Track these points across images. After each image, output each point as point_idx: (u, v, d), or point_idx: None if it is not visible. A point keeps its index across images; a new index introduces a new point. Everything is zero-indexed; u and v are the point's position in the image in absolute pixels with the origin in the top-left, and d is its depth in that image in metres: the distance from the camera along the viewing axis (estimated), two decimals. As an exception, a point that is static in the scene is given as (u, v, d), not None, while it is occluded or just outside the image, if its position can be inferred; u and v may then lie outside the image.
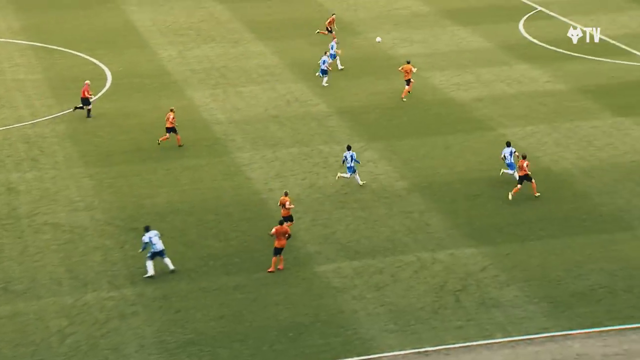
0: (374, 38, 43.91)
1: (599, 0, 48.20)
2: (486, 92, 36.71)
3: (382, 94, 37.12)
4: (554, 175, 29.47)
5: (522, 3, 48.63)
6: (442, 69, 39.65)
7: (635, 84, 36.63)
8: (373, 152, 31.72)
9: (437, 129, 33.40)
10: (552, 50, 41.20)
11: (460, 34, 44.12)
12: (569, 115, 34.02)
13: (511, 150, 28.89)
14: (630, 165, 29.77)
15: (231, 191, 29.36)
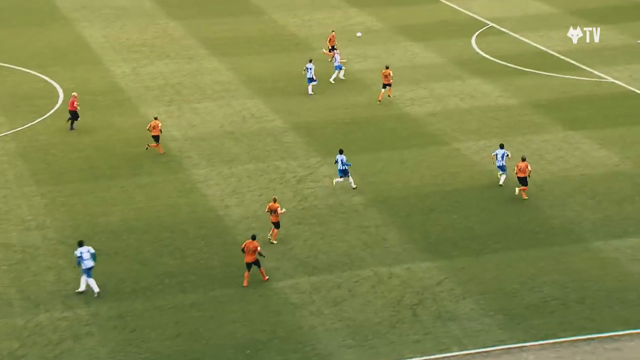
0: (328, 53, 44.22)
1: (548, 17, 49.28)
2: (440, 107, 37.18)
3: (338, 109, 37.34)
4: (507, 188, 29.93)
5: (474, 19, 49.47)
6: (396, 84, 40.01)
7: (585, 99, 37.48)
8: (329, 167, 31.85)
9: (392, 144, 33.69)
10: (504, 66, 41.96)
11: (414, 50, 44.67)
12: (521, 129, 34.62)
13: (504, 153, 29.61)
14: (581, 179, 30.39)
15: (187, 208, 29.18)
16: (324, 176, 31.12)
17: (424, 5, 52.87)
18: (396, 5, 53.10)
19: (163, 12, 51.46)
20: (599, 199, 28.97)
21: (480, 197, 29.40)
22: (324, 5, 53.54)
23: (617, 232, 27.08)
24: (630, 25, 47.01)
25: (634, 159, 31.58)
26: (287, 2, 53.77)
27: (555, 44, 44.61)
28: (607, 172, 30.69)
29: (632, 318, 22.93)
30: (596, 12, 49.12)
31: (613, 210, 28.19)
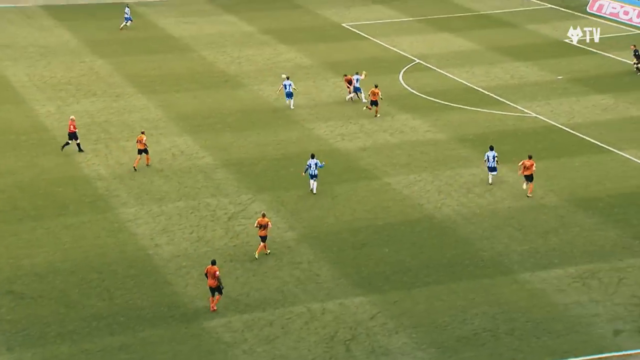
0: (258, 91, 44.56)
1: (471, 54, 50.81)
2: (370, 142, 37.74)
3: (268, 145, 37.50)
4: (438, 222, 30.50)
5: (401, 55, 50.62)
6: (326, 119, 40.51)
7: (510, 133, 38.63)
8: (261, 203, 31.88)
9: (323, 179, 33.95)
10: (431, 101, 42.96)
11: (342, 85, 45.32)
12: (450, 163, 35.41)
13: (494, 155, 32.63)
14: (508, 211, 31.20)
15: (115, 248, 28.71)
16: (255, 212, 31.12)
17: (352, 42, 53.85)
18: (325, 42, 53.94)
19: (89, 50, 50.97)
20: (525, 231, 29.77)
21: (411, 231, 29.85)
22: (252, 42, 53.98)
23: (543, 263, 27.84)
24: (550, 62, 48.87)
25: (558, 192, 32.64)
26: (216, 40, 54.01)
27: (479, 80, 45.97)
28: (533, 205, 31.59)
29: (558, 348, 23.53)
30: (517, 49, 50.91)
31: (539, 242, 29.00)
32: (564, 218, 30.54)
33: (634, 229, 29.60)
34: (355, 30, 57.01)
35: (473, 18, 59.71)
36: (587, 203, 31.56)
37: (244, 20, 59.64)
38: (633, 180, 33.47)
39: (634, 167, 34.71)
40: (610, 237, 29.13)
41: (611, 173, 34.12)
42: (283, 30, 56.79)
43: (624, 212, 30.83)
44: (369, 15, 61.09)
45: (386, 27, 57.52)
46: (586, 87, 44.56)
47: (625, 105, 41.61)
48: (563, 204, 31.57)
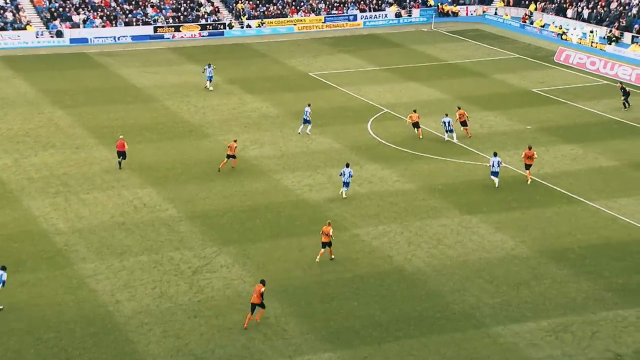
0: (224, 141, 44.74)
1: (438, 103, 51.64)
2: (337, 193, 37.92)
3: (234, 196, 37.50)
4: (408, 274, 30.59)
5: (369, 104, 51.27)
6: (293, 170, 40.68)
7: (479, 183, 39.13)
8: (226, 256, 31.73)
9: (290, 231, 33.96)
10: (400, 150, 43.43)
11: (310, 136, 45.67)
12: (419, 213, 35.69)
13: (498, 160, 37.58)
14: (479, 263, 31.43)
15: (74, 305, 28.28)
16: (220, 266, 30.96)
17: (319, 91, 54.46)
18: (292, 91, 54.48)
19: (48, 101, 50.86)
20: (497, 283, 29.97)
21: (381, 284, 29.88)
22: (217, 91, 54.33)
23: (515, 316, 27.99)
24: (518, 111, 49.83)
25: (529, 243, 33.00)
26: (179, 90, 54.28)
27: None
28: (504, 256, 31.89)
29: (534, 402, 23.54)
30: (485, 98, 51.86)
31: (511, 295, 29.19)
32: (535, 270, 30.83)
33: (605, 281, 29.97)
34: (322, 79, 57.72)
35: (441, 67, 60.86)
36: (559, 254, 31.93)
37: (209, 70, 60.02)
38: (603, 231, 34.00)
39: (604, 217, 35.29)
40: (582, 289, 29.44)
41: (582, 224, 34.64)
42: (249, 80, 57.29)
43: (595, 263, 31.23)
44: (335, 64, 61.95)
45: (353, 76, 58.32)
46: (555, 137, 45.43)
47: (594, 155, 42.46)
48: (535, 255, 31.91)
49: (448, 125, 43.74)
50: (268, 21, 74.45)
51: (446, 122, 43.83)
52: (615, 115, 48.87)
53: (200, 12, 73.46)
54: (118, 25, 69.76)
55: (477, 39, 70.32)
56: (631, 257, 31.53)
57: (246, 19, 74.46)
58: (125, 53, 64.50)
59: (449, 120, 43.99)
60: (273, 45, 68.85)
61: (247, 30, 73.50)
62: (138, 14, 71.34)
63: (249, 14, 74.85)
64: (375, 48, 67.66)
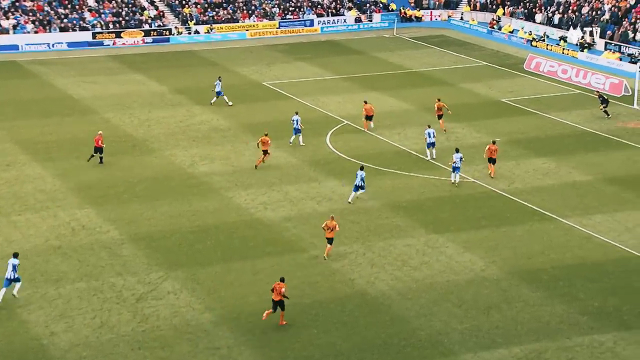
0: (170, 156, 44.54)
1: (402, 114, 52.13)
2: (295, 211, 37.98)
3: (182, 216, 37.32)
4: (371, 298, 30.71)
5: (328, 116, 51.53)
6: (246, 187, 40.67)
7: (446, 200, 39.52)
8: (174, 282, 31.54)
9: (244, 253, 33.90)
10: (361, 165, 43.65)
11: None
12: (383, 233, 35.90)
13: (460, 156, 40.30)
14: (447, 285, 31.70)
15: (3, 339, 27.80)
16: (167, 292, 30.75)
17: (273, 102, 54.62)
18: (244, 102, 54.53)
19: (-24, 112, 50.21)
20: (466, 307, 30.26)
21: (342, 310, 29.96)
22: (162, 103, 54.17)
23: (485, 342, 28.27)
24: (487, 122, 50.53)
25: (499, 264, 33.41)
26: (121, 101, 54.02)
27: (412, 142, 47.08)
28: (473, 278, 32.23)
29: None
30: (452, 109, 52.44)
31: (481, 320, 29.48)
32: (506, 292, 31.21)
33: (580, 304, 30.44)
34: (276, 89, 57.88)
35: (404, 76, 61.51)
36: (531, 275, 32.37)
37: (153, 79, 59.90)
38: (578, 250, 34.58)
39: (578, 235, 35.91)
40: (556, 312, 29.87)
41: (555, 242, 35.20)
42: (197, 90, 57.21)
43: (570, 285, 31.73)
44: (291, 73, 62.18)
45: (311, 86, 58.60)
46: (526, 150, 46.16)
47: (567, 170, 43.24)
48: (505, 277, 32.30)
49: (432, 137, 43.53)
50: (218, 26, 74.50)
51: (430, 134, 43.61)
52: (589, 127, 49.86)
53: (143, 17, 73.22)
54: (52, 31, 69.17)
55: (442, 45, 71.26)
56: (607, 278, 32.11)
57: (194, 24, 74.44)
58: (60, 61, 63.95)
59: (433, 132, 43.91)
60: (223, 53, 68.86)
61: (195, 36, 73.45)
62: (74, 19, 70.83)
63: (197, 19, 74.83)
64: (333, 55, 68.08)
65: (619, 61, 63.26)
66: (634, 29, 66.57)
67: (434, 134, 43.84)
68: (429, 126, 44.63)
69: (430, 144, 43.69)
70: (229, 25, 74.84)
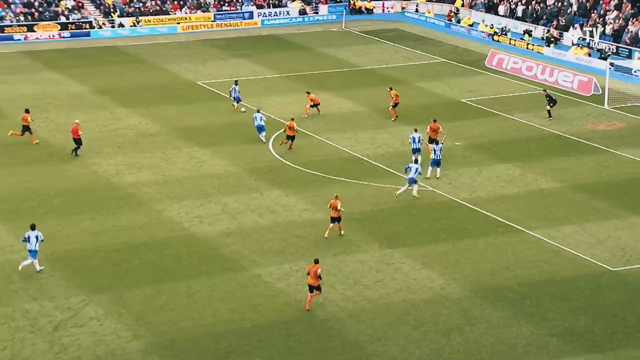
0: (92, 165, 44.09)
1: (354, 116, 52.40)
2: (235, 225, 37.88)
3: (106, 232, 36.98)
4: (319, 321, 30.74)
5: (270, 119, 51.42)
6: (179, 198, 40.45)
7: (402, 211, 39.75)
8: (96, 307, 31.18)
9: (177, 273, 33.68)
10: (308, 173, 43.78)
11: (199, 157, 45.57)
12: (333, 248, 35.98)
13: (419, 136, 43.18)
14: (403, 306, 31.87)
15: None
16: (90, 318, 30.38)
17: (209, 103, 54.46)
18: (176, 104, 54.27)
19: None
20: (424, 329, 30.47)
21: (287, 334, 29.94)
22: (83, 105, 53.64)
23: (447, 366, 28.53)
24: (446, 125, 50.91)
25: (460, 281, 33.72)
26: (35, 103, 53.33)
27: (364, 148, 47.36)
28: (432, 297, 32.46)
29: None
30: (407, 110, 52.85)
31: (441, 343, 29.71)
32: (469, 312, 31.51)
33: (549, 324, 30.87)
34: (212, 89, 57.74)
35: (355, 74, 61.86)
36: (495, 294, 32.74)
37: (72, 78, 59.26)
38: (545, 265, 35.08)
39: (546, 249, 36.44)
40: (523, 334, 30.24)
41: (521, 257, 35.66)
42: (123, 90, 56.77)
43: (537, 303, 32.16)
44: (228, 71, 62.08)
45: (250, 85, 58.56)
46: (488, 155, 46.75)
47: (533, 176, 43.89)
48: (467, 295, 32.61)
49: (417, 142, 43.59)
50: (145, 19, 74.04)
51: (415, 139, 43.61)
52: (556, 129, 50.71)
53: (59, 8, 72.36)
54: (-46, 23, 67.98)
55: (396, 40, 71.86)
56: (578, 296, 32.63)
57: (118, 16, 73.85)
58: (-34, 57, 62.86)
59: (419, 137, 43.80)
60: (152, 49, 68.45)
61: (120, 30, 72.88)
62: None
63: (121, 11, 74.26)
64: (276, 51, 68.16)
65: (588, 57, 64.48)
66: (604, 21, 67.97)
67: (420, 139, 43.80)
68: (415, 130, 44.77)
69: (415, 150, 43.69)
70: (158, 18, 74.43)
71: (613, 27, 66.86)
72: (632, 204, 40.38)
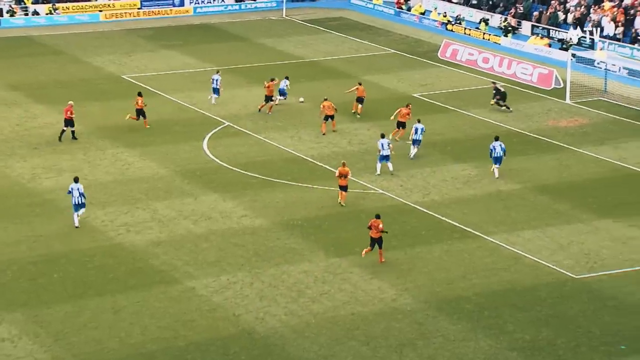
0: (5, 168, 43.58)
1: (298, 113, 52.45)
2: (166, 234, 37.70)
3: (21, 244, 36.57)
4: (260, 338, 30.72)
5: (204, 116, 51.36)
6: (104, 205, 40.14)
7: (349, 215, 39.89)
8: (10, 326, 30.79)
9: (101, 287, 33.42)
10: (247, 176, 43.72)
11: (126, 158, 45.25)
12: (274, 258, 35.98)
13: (388, 142, 43.67)
14: (352, 320, 31.96)
15: None
16: (2, 339, 29.94)
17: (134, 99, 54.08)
18: (99, 100, 53.90)
19: None
20: (374, 344, 30.60)
21: (224, 352, 29.89)
22: (-4, 100, 52.91)
23: (400, 385, 28.72)
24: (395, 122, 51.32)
25: (413, 292, 33.92)
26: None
27: (308, 147, 47.42)
28: (383, 310, 32.62)
29: None
30: (350, 106, 53.09)
31: (393, 359, 29.87)
32: (422, 326, 31.73)
33: (509, 337, 31.20)
34: (140, 83, 57.36)
35: (297, 66, 61.92)
36: (451, 305, 33.00)
37: (-18, 71, 58.44)
38: (505, 273, 35.46)
39: (505, 256, 36.84)
40: (481, 348, 30.53)
41: (478, 265, 36.01)
42: (38, 85, 56.15)
43: (497, 315, 32.49)
44: (158, 64, 61.74)
45: (182, 80, 58.31)
46: (443, 155, 47.15)
47: (491, 177, 44.36)
48: (421, 307, 32.84)
49: (419, 133, 45.29)
50: (63, 6, 73.32)
51: (418, 129, 45.31)
52: (515, 126, 51.33)
53: (-35, -6, 71.28)
54: None
55: (342, 29, 72.12)
56: (539, 306, 33.04)
57: (32, 3, 72.96)
58: None
59: (422, 127, 45.51)
60: (71, 39, 67.78)
61: (34, 18, 72.04)
62: None
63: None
64: (210, 42, 67.95)
65: (548, 48, 65.38)
66: (565, 9, 69.01)
67: (423, 131, 45.43)
68: (419, 121, 45.84)
69: (415, 141, 45.50)
70: (78, 5, 73.72)
71: (574, 15, 67.91)
72: (596, 206, 41.03)
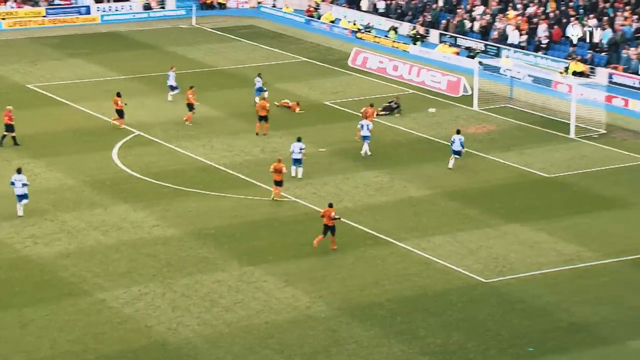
0: None
1: (210, 121, 52.17)
2: (75, 245, 37.19)
3: None
4: (172, 349, 30.44)
5: (113, 126, 50.69)
6: (9, 217, 39.38)
7: (263, 224, 39.78)
8: None
9: (7, 301, 32.80)
10: (158, 185, 43.34)
11: (32, 169, 44.48)
12: (187, 267, 35.71)
13: (300, 146, 43.96)
14: (265, 328, 31.86)
15: None
16: None
17: (43, 109, 53.37)
18: (2, 110, 52.67)
19: None
20: (288, 353, 30.56)
21: (137, 365, 29.54)
22: None
23: (314, 393, 28.69)
24: (308, 130, 51.36)
25: (327, 299, 33.97)
26: None
27: (221, 156, 47.22)
28: (297, 317, 32.61)
29: None
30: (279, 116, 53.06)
31: (307, 366, 29.89)
32: (336, 333, 31.78)
33: (421, 342, 31.43)
34: (46, 92, 56.54)
35: (208, 75, 61.67)
36: (364, 311, 33.14)
37: None
38: (417, 278, 35.75)
39: (417, 261, 37.14)
40: (393, 354, 30.71)
41: (391, 271, 36.24)
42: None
43: (409, 320, 32.72)
44: (64, 73, 60.88)
45: (90, 88, 57.62)
46: (355, 162, 47.34)
47: (402, 184, 44.73)
48: (334, 314, 32.90)
49: (457, 144, 45.83)
50: (-35, 14, 71.62)
51: (456, 140, 45.76)
52: (425, 133, 51.84)
53: None
54: None
55: (252, 37, 72.05)
56: (451, 310, 33.38)
57: None
58: None
59: (460, 139, 45.86)
60: (-25, 47, 66.38)
61: (-64, 25, 70.26)
62: None
63: (-64, 3, 71.70)
64: (118, 50, 67.24)
65: (456, 56, 66.26)
66: (471, 17, 70.06)
67: (462, 143, 45.80)
68: (458, 132, 46.29)
69: (455, 152, 45.88)
70: (-19, 12, 72.12)
71: (480, 23, 69.01)
72: (504, 211, 41.65)
